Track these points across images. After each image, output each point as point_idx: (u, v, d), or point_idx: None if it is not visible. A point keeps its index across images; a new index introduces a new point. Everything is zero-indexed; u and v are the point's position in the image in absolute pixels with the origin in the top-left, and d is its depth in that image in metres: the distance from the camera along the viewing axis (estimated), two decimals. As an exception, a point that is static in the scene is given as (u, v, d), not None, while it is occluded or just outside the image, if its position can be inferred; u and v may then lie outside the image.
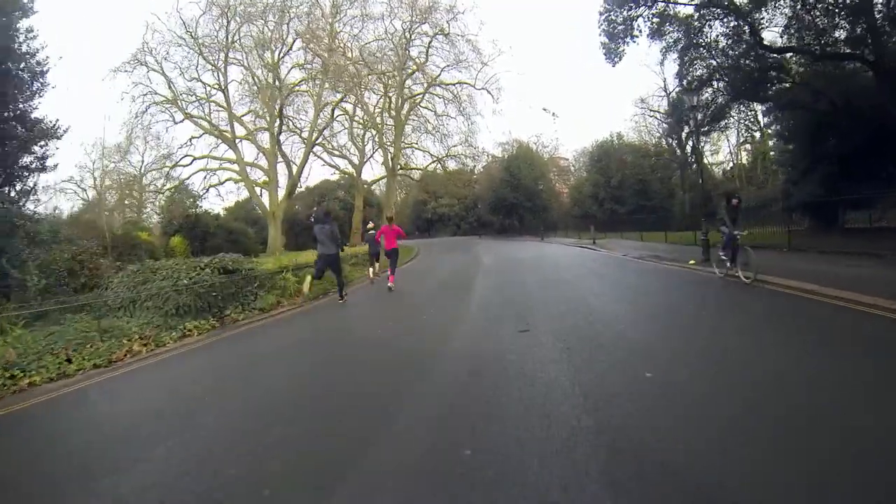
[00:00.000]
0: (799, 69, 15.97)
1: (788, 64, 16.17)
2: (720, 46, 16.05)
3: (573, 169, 50.09)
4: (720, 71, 16.05)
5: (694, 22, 15.73)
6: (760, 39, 14.79)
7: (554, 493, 2.03)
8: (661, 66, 34.53)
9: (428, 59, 29.43)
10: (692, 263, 10.46)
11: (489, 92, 29.97)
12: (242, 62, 27.54)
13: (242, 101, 28.81)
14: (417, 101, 31.13)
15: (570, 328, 5.13)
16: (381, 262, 12.64)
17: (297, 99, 29.14)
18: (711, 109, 16.87)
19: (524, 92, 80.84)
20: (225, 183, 29.52)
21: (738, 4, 14.80)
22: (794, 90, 14.94)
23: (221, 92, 27.23)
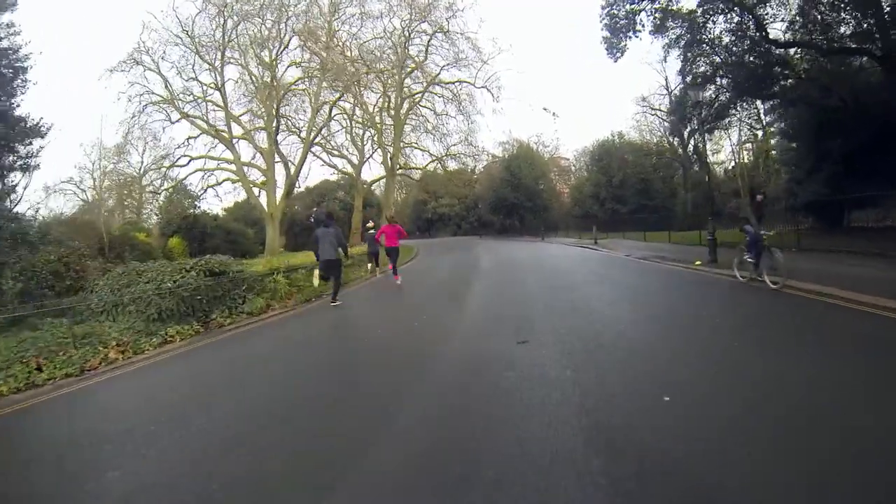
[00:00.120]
0: (804, 65, 15.67)
1: (793, 60, 15.88)
2: (724, 43, 15.77)
3: (574, 169, 49.79)
4: (724, 67, 15.74)
5: (697, 18, 15.43)
6: (766, 34, 14.48)
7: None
8: (662, 63, 34.26)
9: (427, 57, 29.18)
10: (698, 264, 10.13)
11: (489, 90, 29.72)
12: (239, 61, 27.30)
13: (240, 101, 28.60)
14: (417, 100, 30.86)
15: (575, 341, 4.54)
16: (381, 261, 12.67)
17: (294, 98, 28.92)
18: (715, 107, 16.56)
19: (525, 91, 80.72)
20: (223, 183, 29.30)
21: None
22: (801, 86, 14.62)
23: (218, 91, 26.97)
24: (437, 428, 2.89)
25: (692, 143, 36.15)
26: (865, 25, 13.88)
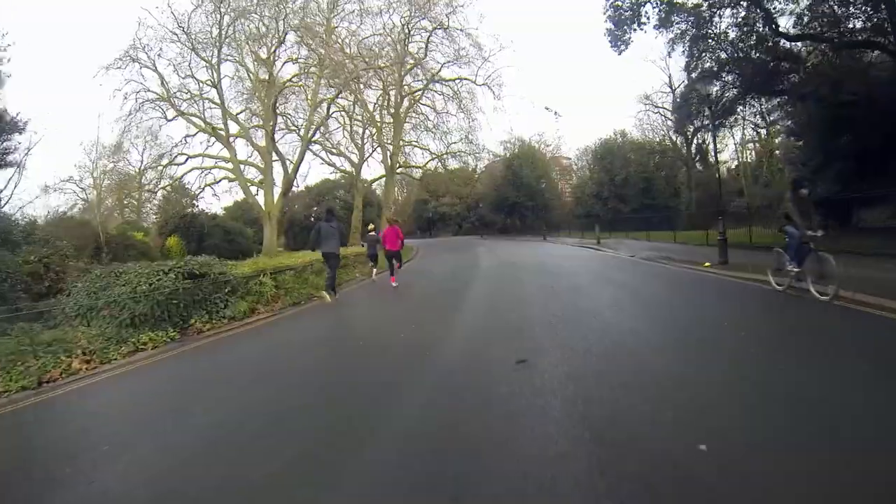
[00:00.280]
0: (813, 60, 15.21)
1: (802, 55, 15.43)
2: (730, 38, 15.35)
3: (576, 168, 49.29)
4: (730, 63, 15.31)
5: (703, 12, 15.01)
6: (776, 27, 14.04)
7: None
8: (666, 59, 33.51)
9: (427, 54, 28.70)
10: (707, 265, 9.69)
11: (490, 88, 29.19)
12: (236, 58, 26.92)
13: (237, 98, 28.23)
14: (417, 97, 30.41)
15: (584, 362, 3.85)
16: (379, 263, 12.53)
17: (293, 96, 28.51)
18: (721, 103, 16.12)
19: (526, 89, 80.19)
20: (220, 182, 28.96)
21: (750, -8, 14.08)
22: (811, 81, 14.16)
23: (214, 88, 26.61)
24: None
25: (696, 141, 35.75)
26: (876, 19, 13.47)
